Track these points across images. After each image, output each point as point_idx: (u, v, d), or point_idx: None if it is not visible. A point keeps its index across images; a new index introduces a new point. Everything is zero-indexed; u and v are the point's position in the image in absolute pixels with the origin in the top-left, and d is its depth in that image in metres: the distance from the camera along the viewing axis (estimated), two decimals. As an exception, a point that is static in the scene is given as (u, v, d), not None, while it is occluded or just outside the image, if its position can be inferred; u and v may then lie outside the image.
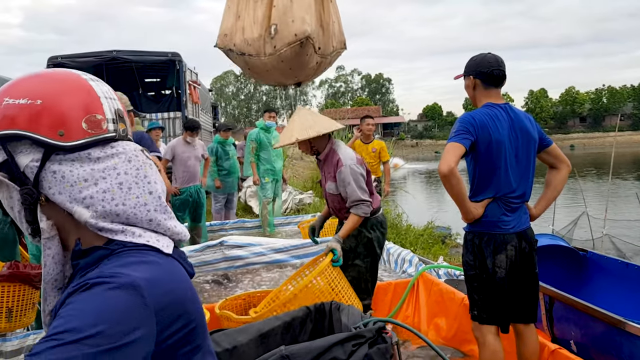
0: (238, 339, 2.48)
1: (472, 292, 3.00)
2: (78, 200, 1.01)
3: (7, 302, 3.88)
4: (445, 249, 7.51)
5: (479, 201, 2.93)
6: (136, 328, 0.90)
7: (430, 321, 4.21)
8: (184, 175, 7.22)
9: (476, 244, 2.94)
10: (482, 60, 2.99)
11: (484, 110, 2.91)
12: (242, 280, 6.03)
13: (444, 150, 2.82)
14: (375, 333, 2.03)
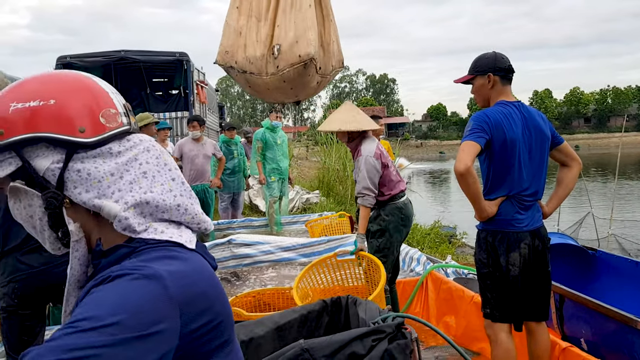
0: (255, 331, 2.50)
1: (485, 290, 3.00)
2: (107, 196, 1.00)
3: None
4: (451, 248, 7.52)
5: (492, 199, 2.93)
6: (158, 320, 0.88)
7: (439, 319, 4.23)
8: (191, 174, 7.24)
9: (489, 242, 2.94)
10: (495, 57, 3.01)
11: (498, 109, 2.92)
12: (250, 278, 6.06)
13: (459, 149, 2.81)
14: (395, 329, 2.03)
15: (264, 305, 4.27)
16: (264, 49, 5.25)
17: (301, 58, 4.09)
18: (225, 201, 9.08)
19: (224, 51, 5.40)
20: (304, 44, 4.13)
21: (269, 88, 5.15)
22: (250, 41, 5.24)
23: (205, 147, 7.38)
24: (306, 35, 4.20)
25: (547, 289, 3.00)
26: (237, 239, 6.59)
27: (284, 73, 4.52)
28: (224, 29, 5.51)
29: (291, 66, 4.70)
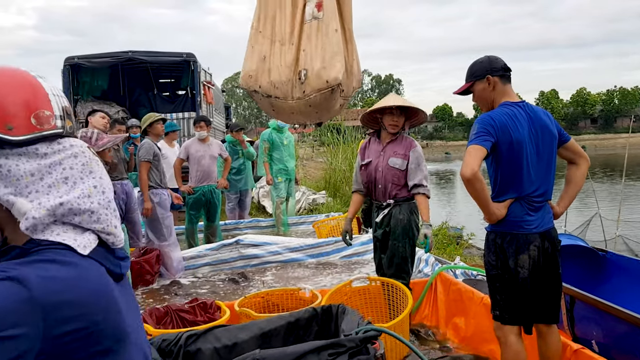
0: (239, 336, 2.47)
1: (495, 292, 2.98)
2: (23, 194, 1.02)
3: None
4: (459, 249, 7.50)
5: (501, 202, 2.90)
6: (15, 323, 0.89)
7: (448, 321, 4.21)
8: (197, 174, 7.24)
9: (498, 244, 2.91)
10: (490, 60, 2.99)
11: (503, 110, 2.88)
12: (258, 278, 6.06)
13: (465, 154, 2.78)
14: (359, 343, 1.94)
15: (273, 306, 4.26)
16: (290, 73, 5.28)
17: (328, 84, 4.06)
18: (232, 201, 9.09)
19: (247, 75, 5.42)
20: (331, 69, 4.14)
21: (293, 112, 5.20)
22: (274, 65, 5.27)
23: (211, 147, 7.38)
24: (333, 60, 4.22)
25: (557, 292, 2.96)
26: (244, 239, 6.60)
27: (310, 98, 4.53)
28: (246, 52, 5.54)
29: (318, 91, 4.73)
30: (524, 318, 2.92)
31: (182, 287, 5.81)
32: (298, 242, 6.73)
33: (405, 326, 3.76)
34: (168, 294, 5.57)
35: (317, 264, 6.51)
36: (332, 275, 6.05)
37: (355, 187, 4.36)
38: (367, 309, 4.20)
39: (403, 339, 2.37)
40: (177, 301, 5.32)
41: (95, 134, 3.76)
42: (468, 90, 3.08)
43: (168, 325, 3.82)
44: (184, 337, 2.40)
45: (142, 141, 6.22)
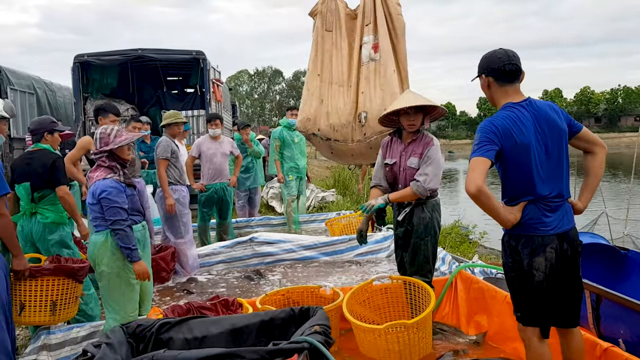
0: (210, 329, 2.46)
1: (514, 294, 2.92)
2: None
3: (51, 295, 3.92)
4: (472, 247, 7.48)
5: (515, 205, 2.81)
6: None
7: (470, 319, 4.19)
8: (209, 172, 7.22)
9: (512, 246, 2.83)
10: (491, 56, 2.87)
11: (504, 114, 2.78)
12: (272, 276, 6.04)
13: (469, 167, 2.68)
14: (265, 355, 1.88)
15: (293, 303, 4.25)
16: (349, 116, 5.27)
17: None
18: (242, 199, 9.09)
19: (305, 119, 5.43)
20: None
21: (353, 154, 5.22)
22: (333, 108, 5.29)
23: (223, 145, 7.36)
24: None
25: (576, 295, 2.86)
26: (259, 237, 6.60)
27: (372, 140, 4.53)
28: (304, 96, 5.56)
29: (379, 133, 4.72)
30: (541, 320, 2.84)
31: (198, 284, 5.81)
32: (312, 240, 6.71)
33: (429, 324, 3.75)
34: (184, 291, 5.56)
35: (331, 261, 6.50)
36: (346, 274, 6.04)
37: (374, 182, 4.28)
38: (388, 307, 4.18)
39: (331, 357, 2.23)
40: (194, 299, 5.32)
41: (114, 130, 3.74)
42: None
43: (190, 323, 3.81)
44: (158, 325, 2.42)
45: (160, 139, 6.21)
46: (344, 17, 5.60)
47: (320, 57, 5.57)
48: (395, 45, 5.39)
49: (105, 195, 3.57)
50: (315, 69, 5.55)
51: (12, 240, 3.70)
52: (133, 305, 3.78)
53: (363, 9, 5.48)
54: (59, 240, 4.41)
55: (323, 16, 5.59)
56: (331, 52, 5.55)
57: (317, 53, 5.59)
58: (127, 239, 3.60)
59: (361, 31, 5.44)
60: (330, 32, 5.54)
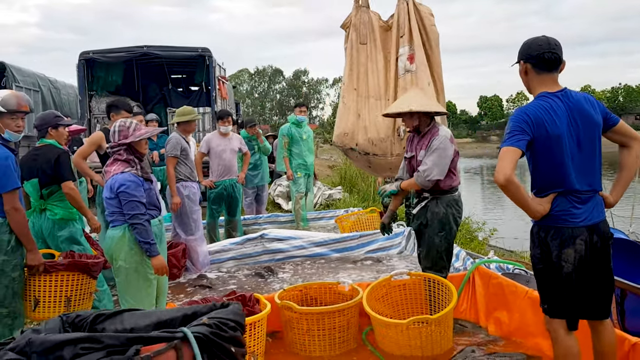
0: (139, 322, 2.43)
1: (542, 287, 2.88)
2: None
3: (65, 291, 3.87)
4: (482, 245, 7.43)
5: (544, 197, 2.77)
6: None
7: (489, 315, 4.14)
8: (219, 169, 7.18)
9: (541, 237, 2.79)
10: (532, 43, 2.81)
11: (538, 103, 2.74)
12: (282, 273, 5.99)
13: (499, 156, 2.65)
14: (125, 342, 1.84)
15: (311, 299, 4.21)
16: (388, 130, 5.22)
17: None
18: (249, 196, 9.04)
19: (342, 133, 5.38)
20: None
21: (392, 168, 5.21)
22: (371, 122, 5.25)
23: (232, 141, 7.32)
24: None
25: (608, 288, 2.83)
26: (269, 233, 6.55)
27: None
28: (340, 110, 5.52)
29: None
30: (569, 313, 2.79)
31: (209, 281, 5.75)
32: (323, 237, 6.67)
33: (450, 320, 3.71)
34: (196, 287, 5.52)
35: (342, 258, 6.44)
36: (357, 270, 5.99)
37: (397, 175, 4.36)
38: (406, 304, 4.14)
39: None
40: (206, 294, 5.27)
41: (133, 124, 3.69)
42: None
43: (207, 319, 3.76)
44: (94, 316, 2.44)
45: (170, 135, 6.16)
46: (377, 29, 5.57)
47: (356, 70, 5.53)
48: (429, 56, 5.38)
49: (123, 189, 3.52)
50: (351, 83, 5.51)
51: (26, 235, 3.66)
52: (150, 301, 3.74)
53: (397, 21, 5.44)
54: (69, 236, 4.36)
55: (357, 29, 5.54)
56: (366, 65, 5.51)
57: (352, 67, 5.55)
58: (145, 233, 3.55)
59: (397, 43, 5.40)
60: (364, 45, 5.50)
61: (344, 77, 5.60)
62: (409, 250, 6.53)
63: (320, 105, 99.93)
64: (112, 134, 3.66)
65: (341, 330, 3.78)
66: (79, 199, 4.33)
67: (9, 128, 3.69)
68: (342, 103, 5.55)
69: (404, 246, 6.54)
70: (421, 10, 5.42)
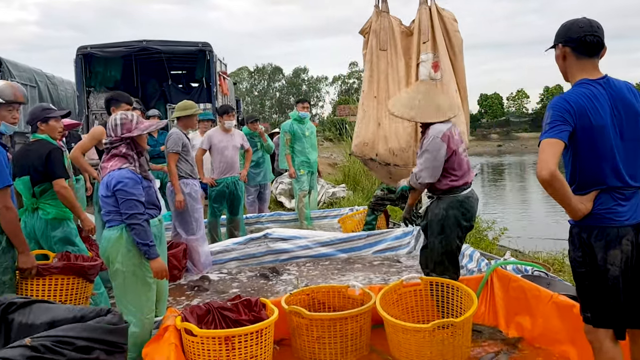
0: (39, 318, 2.39)
1: (584, 292, 2.63)
2: None
3: (60, 296, 3.64)
4: (493, 244, 7.19)
5: (584, 194, 2.55)
6: None
7: (510, 319, 3.91)
8: (220, 166, 6.94)
9: (584, 239, 2.56)
10: (572, 25, 2.59)
11: (579, 90, 2.52)
12: (287, 274, 5.76)
13: (539, 149, 2.43)
14: None
15: (319, 304, 3.98)
16: (410, 139, 5.03)
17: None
18: (252, 194, 8.79)
19: (362, 143, 5.16)
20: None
21: None
22: (392, 132, 5.02)
23: (234, 138, 7.08)
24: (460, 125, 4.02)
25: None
26: (273, 233, 6.33)
27: None
28: (359, 118, 5.29)
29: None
30: (617, 321, 2.56)
31: (211, 282, 5.52)
32: (329, 236, 6.43)
33: (470, 325, 3.47)
34: (197, 290, 5.28)
35: (348, 259, 6.21)
36: (365, 271, 5.75)
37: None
38: (418, 309, 3.90)
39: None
40: (208, 298, 5.04)
41: (135, 117, 3.45)
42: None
43: (210, 325, 3.53)
44: (6, 304, 2.41)
45: (171, 131, 5.93)
46: (398, 35, 5.35)
47: (376, 77, 5.30)
48: (453, 63, 5.15)
49: (121, 187, 3.28)
50: (370, 90, 5.28)
51: (18, 236, 3.43)
52: (150, 306, 3.50)
53: (419, 26, 5.22)
54: (63, 237, 4.12)
55: (377, 35, 5.32)
56: (387, 72, 5.28)
57: (373, 73, 5.32)
58: (144, 234, 3.31)
59: (418, 49, 5.18)
60: (385, 52, 5.28)
61: (364, 84, 5.38)
62: (418, 250, 6.28)
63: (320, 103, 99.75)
64: (113, 127, 3.41)
65: (353, 337, 3.55)
66: (71, 198, 4.08)
67: (5, 120, 3.48)
68: (361, 111, 5.32)
69: (413, 246, 6.30)
70: (444, 15, 5.22)
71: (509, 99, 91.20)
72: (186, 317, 3.42)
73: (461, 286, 3.72)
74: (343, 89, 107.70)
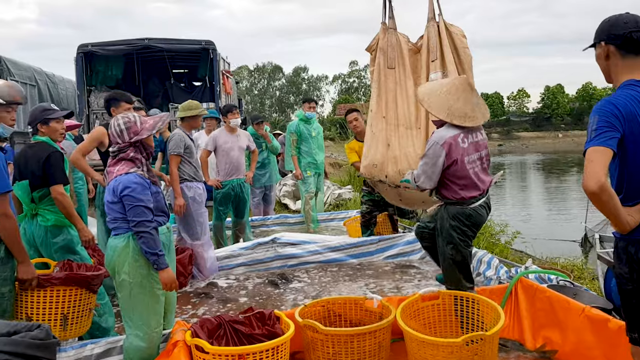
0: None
1: (631, 311, 2.41)
2: None
3: (62, 308, 3.43)
4: (507, 248, 7.00)
5: (632, 206, 2.33)
6: None
7: (537, 333, 3.71)
8: (226, 167, 6.72)
9: (631, 254, 2.34)
10: (616, 21, 2.38)
11: (627, 93, 2.29)
12: (297, 282, 5.55)
13: (585, 159, 2.21)
14: None
15: (334, 316, 3.77)
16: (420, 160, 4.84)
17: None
18: (257, 196, 8.58)
19: (371, 164, 4.94)
20: None
21: (424, 201, 4.81)
22: (402, 153, 4.83)
23: (240, 138, 6.87)
24: None
25: None
26: (281, 237, 6.12)
27: None
28: (367, 138, 5.08)
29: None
30: None
31: (218, 290, 5.32)
32: (339, 241, 6.23)
33: (496, 341, 3.27)
34: (204, 297, 5.08)
35: (360, 264, 6.01)
36: (377, 278, 5.55)
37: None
38: (436, 323, 3.69)
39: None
40: (214, 306, 4.84)
41: (137, 117, 3.24)
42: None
43: (222, 339, 3.33)
44: None
45: (173, 132, 5.71)
46: (406, 53, 5.15)
47: (384, 97, 5.09)
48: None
49: (128, 193, 3.07)
50: (379, 110, 5.07)
51: (17, 245, 3.22)
52: (158, 320, 3.29)
53: (427, 44, 5.02)
54: (64, 245, 3.91)
55: (385, 52, 5.11)
56: (395, 91, 5.08)
57: (380, 92, 5.12)
58: (153, 243, 3.10)
59: (427, 67, 4.99)
60: (392, 70, 5.07)
61: (372, 104, 5.17)
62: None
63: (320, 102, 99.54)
64: (118, 133, 3.18)
65: (372, 354, 3.34)
66: (69, 206, 3.85)
67: (4, 122, 3.27)
68: (370, 132, 5.12)
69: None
70: (453, 31, 5.03)
71: (509, 98, 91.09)
72: (196, 332, 3.22)
73: (482, 298, 3.52)
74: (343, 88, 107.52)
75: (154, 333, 3.26)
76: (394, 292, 5.08)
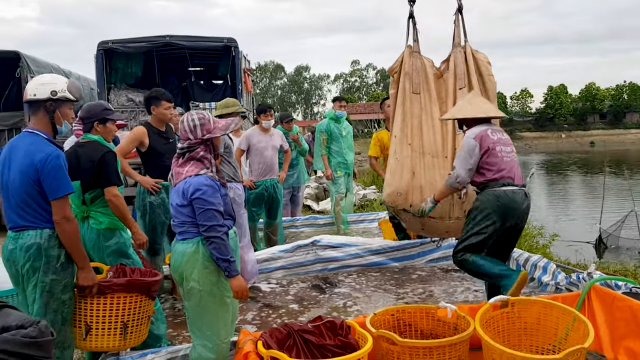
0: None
1: None
2: None
3: (122, 315, 3.26)
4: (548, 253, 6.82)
5: None
6: None
7: (617, 344, 3.53)
8: (259, 167, 6.56)
9: None
10: None
11: None
12: (342, 286, 5.37)
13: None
14: None
15: (405, 325, 3.58)
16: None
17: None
18: (284, 197, 8.39)
19: (395, 192, 4.74)
20: None
21: (448, 231, 4.66)
22: (427, 182, 4.66)
23: (273, 138, 6.70)
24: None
25: None
26: (321, 240, 5.95)
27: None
28: (391, 165, 4.89)
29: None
30: None
31: (262, 293, 5.15)
32: (380, 244, 6.06)
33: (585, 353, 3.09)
34: (249, 302, 4.92)
35: (403, 268, 5.84)
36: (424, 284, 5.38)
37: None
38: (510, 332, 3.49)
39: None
40: (264, 312, 4.68)
41: (210, 116, 3.09)
42: None
43: (292, 350, 3.13)
44: None
45: None
46: (432, 78, 5.00)
47: (409, 123, 4.91)
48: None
49: (199, 195, 2.90)
50: (404, 137, 4.88)
51: (79, 251, 3.07)
52: (227, 330, 3.12)
53: (454, 70, 4.89)
54: (117, 248, 3.74)
55: (410, 77, 4.94)
56: (420, 117, 4.91)
57: (405, 118, 4.92)
58: (224, 248, 2.93)
59: (454, 95, 4.85)
60: (418, 95, 4.91)
61: (396, 129, 4.97)
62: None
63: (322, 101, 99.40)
64: (191, 128, 3.01)
65: (451, 367, 3.16)
66: (123, 208, 3.69)
67: (67, 119, 3.11)
68: (393, 158, 4.92)
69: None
70: (478, 58, 4.94)
71: (512, 98, 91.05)
72: (267, 342, 3.04)
73: (556, 305, 3.33)
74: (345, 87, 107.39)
75: (223, 344, 3.09)
76: (444, 298, 4.91)
